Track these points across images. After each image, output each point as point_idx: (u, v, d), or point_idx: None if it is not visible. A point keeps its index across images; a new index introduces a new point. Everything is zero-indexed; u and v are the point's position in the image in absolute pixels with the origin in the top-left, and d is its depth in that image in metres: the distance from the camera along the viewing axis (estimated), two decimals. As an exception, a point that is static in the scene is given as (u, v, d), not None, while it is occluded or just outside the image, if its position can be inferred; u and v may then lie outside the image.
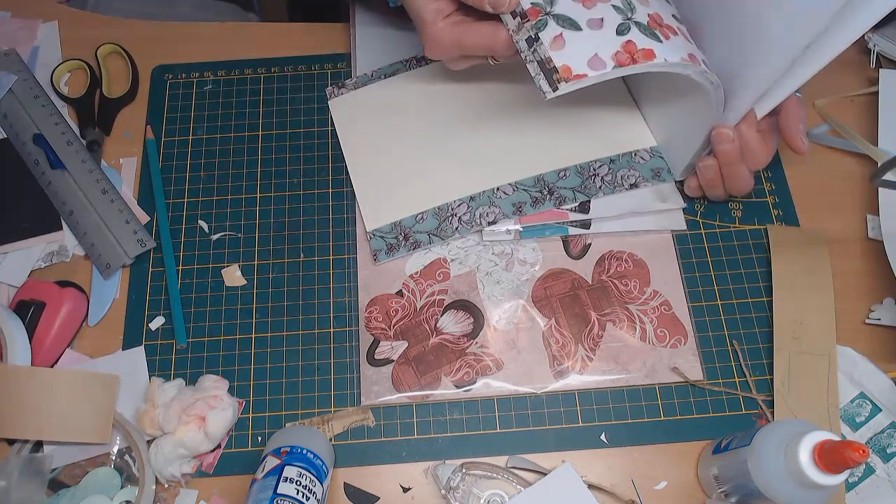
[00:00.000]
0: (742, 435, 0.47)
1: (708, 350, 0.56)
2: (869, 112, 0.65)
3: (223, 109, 0.66)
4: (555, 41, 0.47)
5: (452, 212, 0.59)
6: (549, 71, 0.47)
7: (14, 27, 0.70)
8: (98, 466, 0.52)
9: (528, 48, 0.48)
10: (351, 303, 0.58)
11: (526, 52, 0.48)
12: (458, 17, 0.51)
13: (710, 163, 0.56)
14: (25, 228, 0.60)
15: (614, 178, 0.59)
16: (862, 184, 0.62)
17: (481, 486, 0.51)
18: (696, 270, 0.59)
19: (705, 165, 0.56)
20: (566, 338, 0.56)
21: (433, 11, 0.51)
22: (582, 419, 0.54)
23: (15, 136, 0.64)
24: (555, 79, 0.47)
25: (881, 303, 0.57)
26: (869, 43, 0.66)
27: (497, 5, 0.48)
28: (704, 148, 0.55)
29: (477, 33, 0.50)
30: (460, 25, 0.51)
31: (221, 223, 0.61)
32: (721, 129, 0.53)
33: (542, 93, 0.47)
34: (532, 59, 0.48)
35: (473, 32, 0.50)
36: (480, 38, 0.50)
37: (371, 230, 0.59)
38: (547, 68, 0.47)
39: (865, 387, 0.54)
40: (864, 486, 0.51)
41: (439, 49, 0.52)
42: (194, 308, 0.58)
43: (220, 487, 0.52)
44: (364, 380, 0.55)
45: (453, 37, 0.51)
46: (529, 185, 0.59)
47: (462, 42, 0.51)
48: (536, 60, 0.47)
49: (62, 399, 0.51)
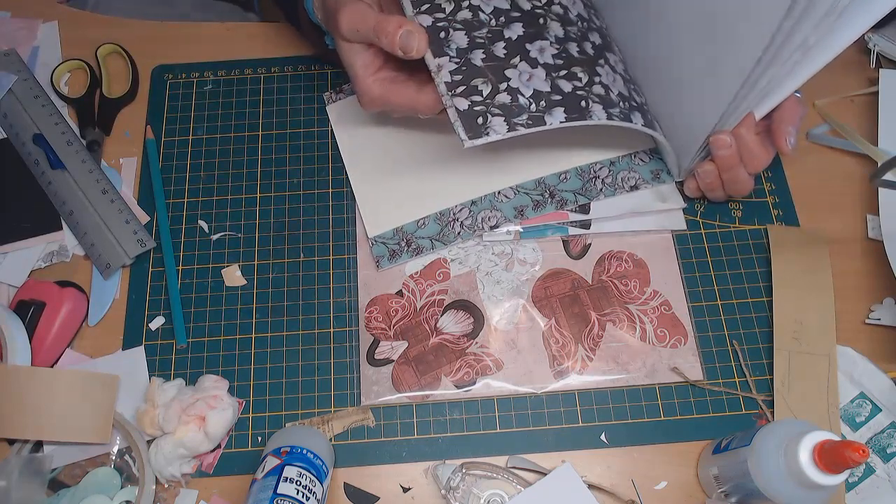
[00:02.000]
0: (742, 435, 0.47)
1: (708, 350, 0.56)
2: (869, 112, 0.65)
3: (223, 109, 0.66)
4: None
5: (454, 216, 0.59)
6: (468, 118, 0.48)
7: (14, 27, 0.70)
8: (98, 466, 0.52)
9: (447, 92, 0.49)
10: (351, 303, 0.58)
11: (445, 96, 0.49)
12: (387, 72, 0.53)
13: (709, 168, 0.56)
14: (25, 228, 0.60)
15: (614, 180, 0.59)
16: (862, 184, 0.62)
17: (481, 486, 0.51)
18: (696, 270, 0.59)
19: (704, 171, 0.56)
20: (566, 338, 0.56)
21: (362, 67, 0.52)
22: (582, 419, 0.54)
23: (15, 136, 0.64)
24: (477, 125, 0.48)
25: (881, 303, 0.57)
26: (869, 43, 0.66)
27: (406, 50, 0.49)
28: (702, 150, 0.55)
29: (401, 95, 0.52)
30: (387, 84, 0.52)
31: (221, 223, 0.61)
32: (719, 136, 0.53)
33: (461, 140, 0.48)
34: (451, 105, 0.49)
35: (397, 93, 0.52)
36: (404, 99, 0.52)
37: (373, 237, 0.59)
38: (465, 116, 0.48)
39: (865, 387, 0.54)
40: (864, 486, 0.51)
41: (370, 103, 0.53)
42: (194, 308, 0.58)
43: (220, 487, 0.52)
44: (364, 380, 0.55)
45: (381, 94, 0.52)
46: (530, 189, 0.59)
47: (388, 101, 0.52)
48: (454, 107, 0.49)
49: (62, 399, 0.51)
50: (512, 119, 0.49)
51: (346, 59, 0.52)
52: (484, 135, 0.48)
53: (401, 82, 0.52)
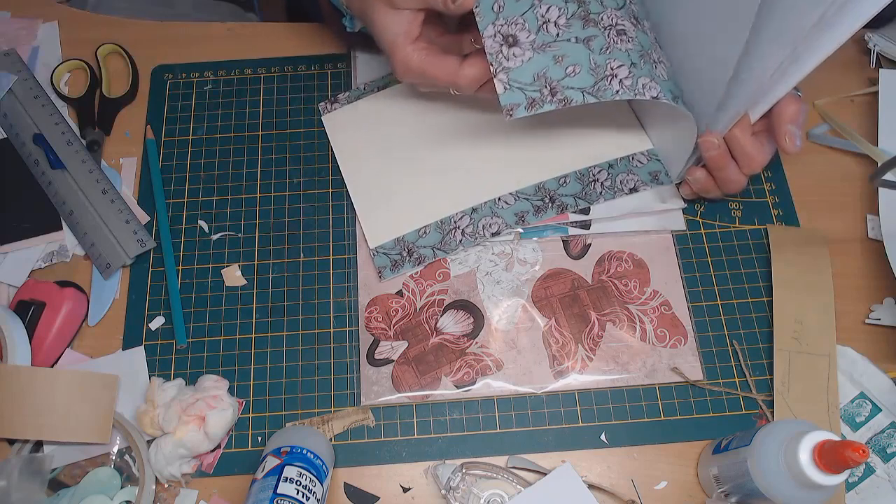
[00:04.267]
0: (742, 435, 0.47)
1: (708, 350, 0.56)
2: (869, 112, 0.65)
3: (223, 109, 0.66)
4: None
5: (455, 224, 0.58)
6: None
7: (14, 27, 0.70)
8: (98, 466, 0.52)
9: (495, 60, 0.48)
10: (351, 303, 0.58)
11: (493, 64, 0.48)
12: (424, 42, 0.52)
13: (699, 175, 0.56)
14: (25, 228, 0.60)
15: (614, 182, 0.59)
16: (862, 184, 0.62)
17: (481, 486, 0.51)
18: (696, 270, 0.59)
19: (694, 179, 0.56)
20: (566, 338, 0.56)
21: (402, 35, 0.51)
22: (582, 419, 0.54)
23: (15, 136, 0.64)
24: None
25: (881, 303, 0.57)
26: (869, 43, 0.66)
27: (459, 2, 0.48)
28: (695, 154, 0.55)
29: (441, 67, 0.51)
30: (427, 56, 0.51)
31: (221, 223, 0.61)
32: (707, 138, 0.53)
33: (505, 112, 0.48)
34: (500, 69, 0.48)
35: (437, 65, 0.51)
36: (443, 72, 0.51)
37: (374, 247, 0.59)
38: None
39: (865, 387, 0.54)
40: (864, 486, 0.51)
41: (408, 73, 0.52)
42: (194, 308, 0.58)
43: (220, 487, 0.52)
44: (364, 380, 0.55)
45: (419, 64, 0.51)
46: (531, 194, 0.59)
47: (425, 72, 0.51)
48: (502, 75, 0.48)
49: (62, 399, 0.51)
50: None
51: (385, 26, 0.51)
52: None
53: (440, 55, 0.51)
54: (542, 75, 0.49)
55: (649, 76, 0.50)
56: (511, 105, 0.48)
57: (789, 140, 0.51)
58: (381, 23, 0.52)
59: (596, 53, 0.49)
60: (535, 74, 0.48)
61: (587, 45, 0.49)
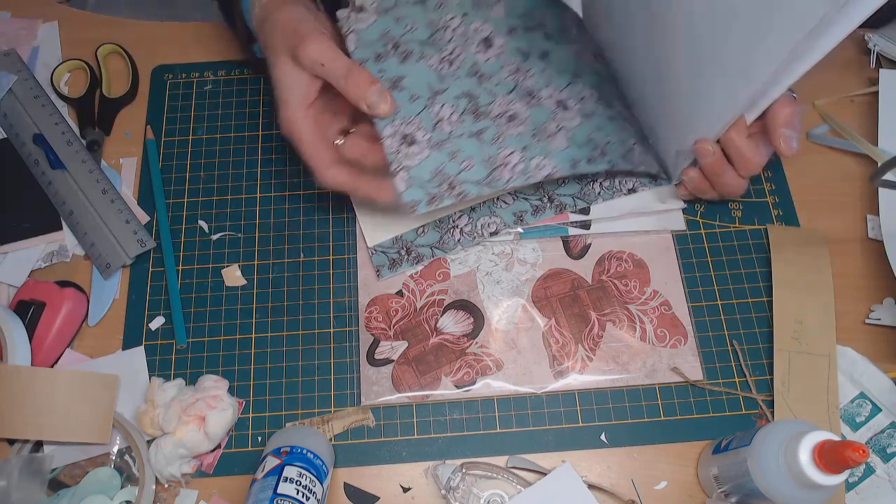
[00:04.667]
0: (742, 435, 0.47)
1: (708, 350, 0.56)
2: (869, 112, 0.65)
3: (223, 109, 0.66)
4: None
5: (454, 223, 0.59)
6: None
7: (14, 27, 0.70)
8: (98, 466, 0.52)
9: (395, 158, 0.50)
10: (351, 303, 0.58)
11: (394, 162, 0.50)
12: (316, 111, 0.52)
13: (693, 174, 0.56)
14: (25, 228, 0.60)
15: (612, 182, 0.59)
16: (862, 184, 0.62)
17: (481, 486, 0.51)
18: (696, 270, 0.59)
19: (689, 178, 0.56)
20: (566, 338, 0.56)
21: (298, 98, 0.51)
22: (582, 419, 0.54)
23: (15, 136, 0.64)
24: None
25: (881, 303, 0.57)
26: (869, 43, 0.66)
27: (372, 108, 0.49)
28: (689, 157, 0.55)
29: (315, 153, 0.51)
30: (312, 131, 0.51)
31: (221, 223, 0.61)
32: (701, 145, 0.52)
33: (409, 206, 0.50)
34: (399, 170, 0.51)
35: (314, 149, 0.51)
36: (315, 160, 0.51)
37: (372, 246, 0.59)
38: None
39: (865, 387, 0.54)
40: (864, 486, 0.51)
41: (289, 135, 0.52)
42: (194, 308, 0.58)
43: (220, 487, 0.52)
44: (364, 380, 0.55)
45: (300, 135, 0.51)
46: (529, 194, 0.59)
47: (301, 147, 0.51)
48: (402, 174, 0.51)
49: (62, 399, 0.51)
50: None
51: (286, 81, 0.51)
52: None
53: (321, 140, 0.51)
54: (440, 171, 0.51)
55: (542, 153, 0.53)
56: (413, 202, 0.50)
57: (784, 144, 0.50)
58: (281, 74, 0.51)
59: (487, 145, 0.53)
60: (433, 171, 0.51)
61: (479, 138, 0.53)
